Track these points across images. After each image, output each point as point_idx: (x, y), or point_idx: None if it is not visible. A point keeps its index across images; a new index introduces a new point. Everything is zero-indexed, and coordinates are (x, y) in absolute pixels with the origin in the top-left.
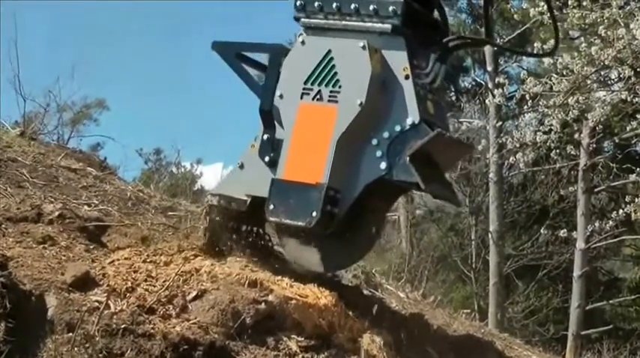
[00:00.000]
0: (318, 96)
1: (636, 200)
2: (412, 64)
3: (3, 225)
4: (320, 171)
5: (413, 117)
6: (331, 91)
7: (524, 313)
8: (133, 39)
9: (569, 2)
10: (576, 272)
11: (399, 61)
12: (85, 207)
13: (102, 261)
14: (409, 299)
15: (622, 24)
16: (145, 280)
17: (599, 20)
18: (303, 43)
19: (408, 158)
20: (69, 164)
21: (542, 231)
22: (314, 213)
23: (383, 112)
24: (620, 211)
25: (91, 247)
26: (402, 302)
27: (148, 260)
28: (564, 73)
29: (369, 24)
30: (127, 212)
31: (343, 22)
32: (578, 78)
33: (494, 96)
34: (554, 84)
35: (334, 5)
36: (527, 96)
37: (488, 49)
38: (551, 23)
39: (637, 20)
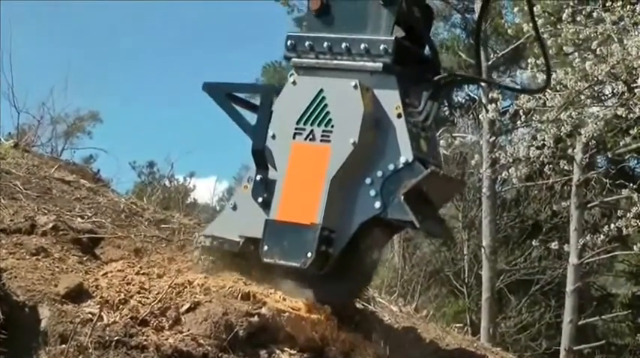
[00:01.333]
0: (310, 136)
1: (629, 215)
2: (404, 102)
3: None
4: (314, 211)
5: (406, 155)
6: (324, 131)
7: (516, 328)
8: (127, 52)
9: (563, 17)
10: (569, 287)
11: (391, 99)
12: (79, 219)
13: (95, 273)
14: (402, 313)
15: (616, 40)
16: (138, 292)
17: (592, 36)
18: (294, 83)
19: (402, 197)
20: (62, 176)
21: (534, 243)
22: (309, 254)
23: (376, 151)
24: (613, 226)
25: (85, 259)
26: (395, 316)
27: (141, 272)
28: (558, 88)
29: (361, 63)
30: (121, 224)
31: (335, 62)
32: (572, 93)
33: (487, 111)
34: (547, 99)
35: (325, 45)
36: (520, 112)
37: (482, 64)
38: (544, 38)
39: (631, 36)
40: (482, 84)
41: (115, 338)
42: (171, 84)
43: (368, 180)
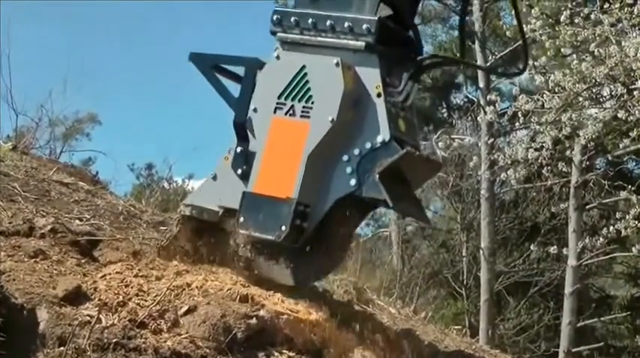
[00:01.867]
0: (290, 111)
1: (627, 217)
2: (385, 81)
3: None
4: (290, 186)
5: (383, 135)
6: (304, 107)
7: (515, 330)
8: (126, 54)
9: (561, 19)
10: (567, 289)
11: (371, 78)
12: (77, 221)
13: (93, 275)
14: (400, 315)
15: (614, 41)
16: (137, 294)
17: (591, 38)
18: (278, 57)
19: (377, 175)
20: (61, 178)
21: (532, 247)
22: (283, 227)
23: (354, 129)
24: (612, 228)
25: (83, 261)
26: (394, 318)
27: (140, 274)
28: (556, 90)
29: (344, 41)
30: (119, 226)
31: (318, 39)
32: (570, 95)
33: (486, 113)
34: (546, 101)
35: (310, 21)
36: (519, 113)
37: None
38: (543, 40)
39: (629, 38)
40: (465, 67)
41: (114, 341)
42: (170, 86)
43: (345, 158)
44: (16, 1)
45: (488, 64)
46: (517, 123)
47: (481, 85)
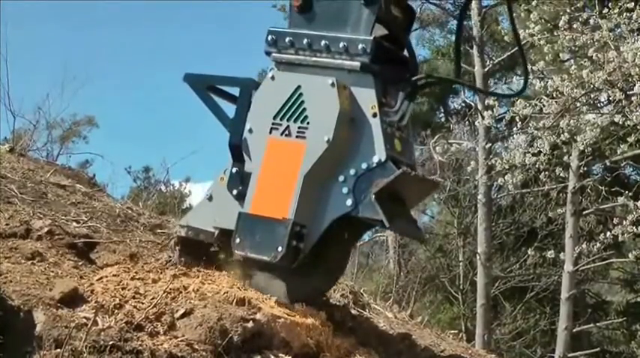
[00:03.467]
0: (286, 132)
1: (624, 223)
2: (380, 101)
3: None
4: (286, 207)
5: (379, 155)
6: (299, 127)
7: (511, 335)
8: (124, 57)
9: (560, 24)
10: (564, 294)
11: (367, 98)
12: (74, 223)
13: (90, 278)
14: (397, 319)
15: (612, 47)
16: (133, 297)
17: (589, 43)
18: (273, 78)
19: (373, 196)
20: (58, 181)
21: (529, 252)
22: (279, 248)
23: (350, 149)
24: (608, 234)
25: (80, 263)
26: (390, 322)
27: (137, 277)
28: (554, 95)
29: (339, 61)
30: (116, 229)
31: (313, 59)
32: (568, 100)
33: (483, 117)
34: (544, 106)
35: (305, 41)
36: (516, 118)
37: (478, 71)
38: (541, 45)
39: (627, 43)
40: (462, 86)
41: (110, 343)
42: (168, 89)
43: (341, 178)
44: (13, 2)
45: (486, 69)
46: (515, 128)
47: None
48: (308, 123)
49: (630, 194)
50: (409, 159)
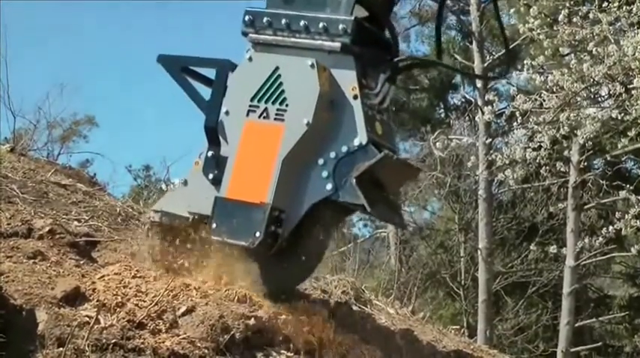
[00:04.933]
0: (264, 114)
1: (626, 216)
2: (361, 83)
3: None
4: (264, 191)
5: (360, 138)
6: (278, 109)
7: (513, 330)
8: (123, 55)
9: (560, 18)
10: (566, 289)
11: (347, 80)
12: (75, 222)
13: (92, 276)
14: (398, 316)
15: (612, 40)
16: (135, 295)
17: (589, 37)
18: (250, 59)
19: (354, 180)
20: (59, 180)
21: (531, 247)
22: (257, 233)
23: (330, 132)
24: (610, 228)
25: (81, 262)
26: (392, 319)
27: (138, 275)
28: (554, 90)
29: (319, 42)
30: (117, 228)
31: (292, 39)
32: (568, 94)
33: (483, 113)
34: (544, 100)
35: (283, 22)
36: (516, 113)
37: (477, 66)
38: (541, 39)
39: (627, 37)
40: (442, 68)
41: (112, 341)
42: (168, 87)
43: (321, 161)
44: (14, 1)
45: (486, 64)
46: (515, 123)
47: (479, 85)
48: (287, 105)
49: (631, 188)
50: (390, 142)
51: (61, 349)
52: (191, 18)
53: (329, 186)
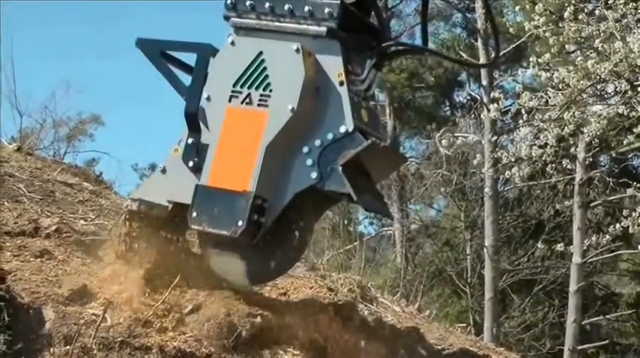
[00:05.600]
0: (247, 100)
1: (633, 214)
2: (347, 69)
3: (1, 239)
4: (247, 179)
5: (347, 125)
6: (261, 95)
7: (519, 328)
8: (129, 54)
9: (565, 15)
10: (572, 286)
11: (333, 65)
12: (82, 221)
13: (99, 275)
14: (404, 314)
15: (618, 37)
16: (142, 293)
17: (595, 34)
18: (232, 43)
19: (340, 168)
20: (65, 179)
21: (538, 245)
22: (240, 223)
23: (315, 119)
24: (617, 226)
25: (88, 261)
26: (398, 317)
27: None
28: (560, 87)
29: (304, 26)
30: None
31: (276, 24)
32: (574, 92)
33: (489, 110)
34: (549, 98)
35: (267, 5)
36: (522, 111)
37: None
38: (546, 36)
39: (634, 33)
40: (429, 55)
41: (119, 340)
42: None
43: (305, 149)
44: (19, 2)
45: (491, 60)
46: (521, 121)
47: (484, 82)
48: (271, 90)
49: (638, 185)
50: (376, 130)
51: (68, 347)
52: (200, 16)
53: (314, 175)
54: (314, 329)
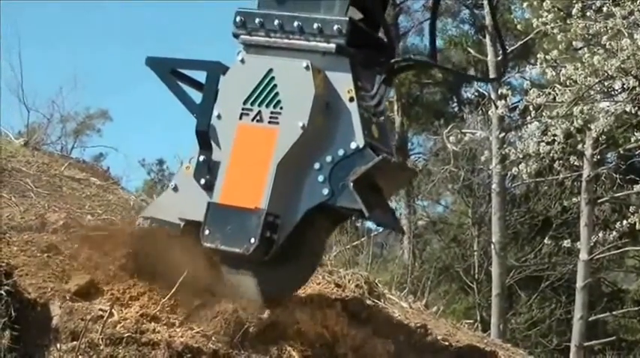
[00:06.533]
0: (258, 118)
1: None
2: (357, 85)
3: (7, 234)
4: (259, 196)
5: (357, 141)
6: (272, 112)
7: (526, 324)
8: (135, 49)
9: (573, 12)
10: (579, 283)
11: (343, 82)
12: (89, 216)
13: (106, 270)
14: (412, 310)
15: (626, 34)
16: (149, 289)
17: (602, 31)
18: (242, 61)
19: (351, 184)
20: (72, 174)
21: (545, 241)
22: (252, 240)
23: (326, 135)
24: (624, 222)
25: (95, 256)
26: (405, 313)
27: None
28: (568, 84)
29: (313, 43)
30: (131, 221)
31: (286, 41)
32: (582, 88)
33: (497, 107)
34: (557, 94)
35: (276, 22)
36: (530, 107)
37: (491, 60)
38: (554, 33)
39: None
40: (438, 70)
41: (126, 335)
42: None
43: (317, 165)
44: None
45: (499, 57)
46: (528, 117)
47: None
48: (281, 108)
49: None
50: (386, 145)
51: (74, 343)
52: (206, 13)
53: (325, 191)
54: (321, 325)
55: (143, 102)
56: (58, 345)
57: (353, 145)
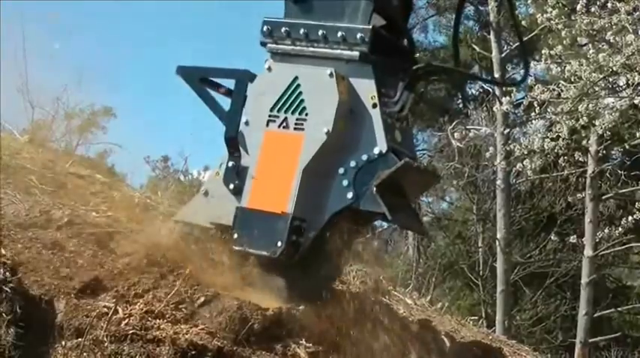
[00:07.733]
0: (284, 124)
1: None
2: (380, 92)
3: (12, 231)
4: (285, 200)
5: (380, 146)
6: (298, 119)
7: (531, 320)
8: (140, 46)
9: (578, 8)
10: (584, 279)
11: (366, 89)
12: (94, 213)
13: (110, 267)
14: (417, 306)
15: (630, 30)
16: (154, 286)
17: (607, 26)
18: (269, 69)
19: (374, 188)
20: (77, 171)
21: (550, 238)
22: (279, 243)
23: (350, 141)
24: (629, 218)
25: (100, 253)
26: (410, 309)
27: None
28: (572, 80)
29: (337, 51)
30: (135, 218)
31: (311, 49)
32: (587, 84)
33: (501, 103)
34: (562, 91)
35: (302, 31)
36: (535, 104)
37: (495, 57)
38: (559, 29)
39: None
40: (460, 76)
41: (131, 332)
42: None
43: (341, 170)
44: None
45: (504, 54)
46: (533, 114)
47: (497, 75)
48: (306, 114)
49: None
50: (410, 150)
51: (79, 339)
52: (209, 10)
53: (350, 195)
54: (326, 321)
55: (148, 98)
56: (63, 342)
57: (376, 150)
